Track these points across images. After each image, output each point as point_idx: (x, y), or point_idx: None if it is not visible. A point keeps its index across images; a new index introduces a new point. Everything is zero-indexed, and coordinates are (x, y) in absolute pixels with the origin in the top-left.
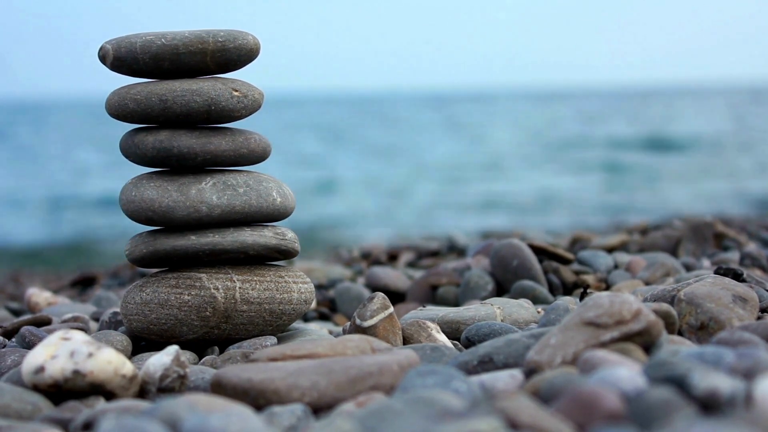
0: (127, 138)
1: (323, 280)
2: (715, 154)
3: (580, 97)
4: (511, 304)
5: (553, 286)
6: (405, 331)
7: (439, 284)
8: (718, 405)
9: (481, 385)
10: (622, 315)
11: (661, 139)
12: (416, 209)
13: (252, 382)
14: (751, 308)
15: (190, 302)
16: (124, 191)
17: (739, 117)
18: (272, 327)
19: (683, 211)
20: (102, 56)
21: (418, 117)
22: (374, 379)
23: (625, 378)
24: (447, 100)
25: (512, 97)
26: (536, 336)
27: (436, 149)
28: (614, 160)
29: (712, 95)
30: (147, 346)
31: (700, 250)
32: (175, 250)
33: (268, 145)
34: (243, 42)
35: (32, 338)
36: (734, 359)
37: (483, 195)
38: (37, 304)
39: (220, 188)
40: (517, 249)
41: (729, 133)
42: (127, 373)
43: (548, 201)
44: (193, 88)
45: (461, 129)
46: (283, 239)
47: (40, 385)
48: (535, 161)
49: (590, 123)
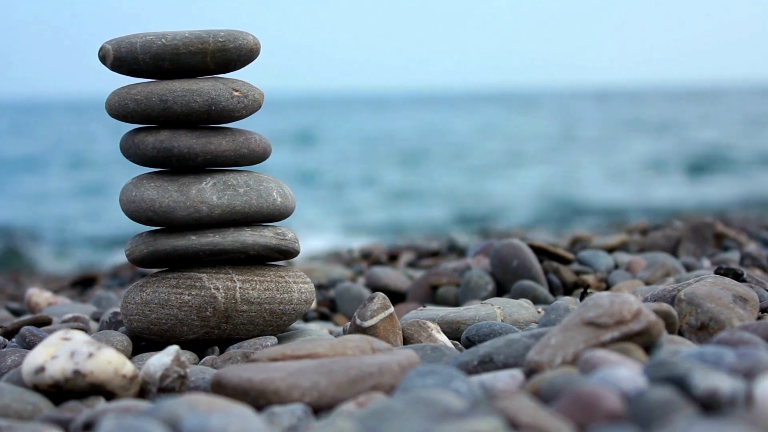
0: (127, 138)
1: (323, 280)
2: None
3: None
4: (512, 304)
5: (554, 286)
6: (405, 331)
7: (440, 284)
8: (719, 405)
9: (482, 385)
10: (622, 315)
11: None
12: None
13: (252, 382)
14: (752, 308)
15: (191, 302)
16: (125, 191)
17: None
18: (272, 327)
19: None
20: (102, 56)
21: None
22: (374, 379)
23: (625, 378)
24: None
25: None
26: (536, 336)
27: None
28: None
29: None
30: (147, 346)
31: (700, 250)
32: (176, 250)
33: (268, 145)
34: (243, 42)
35: (32, 338)
36: (734, 359)
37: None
38: (38, 304)
39: (221, 188)
40: (518, 249)
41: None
42: (128, 373)
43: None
44: (193, 88)
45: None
46: (283, 239)
47: (41, 385)
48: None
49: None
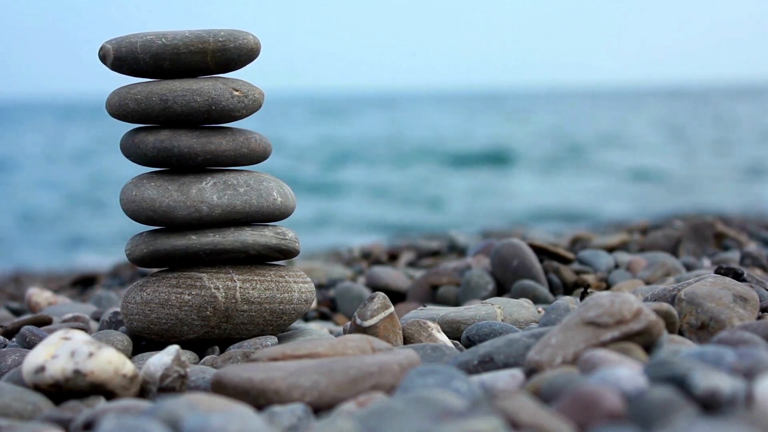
0: (127, 138)
1: (324, 280)
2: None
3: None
4: (512, 304)
5: (554, 285)
6: (405, 330)
7: (440, 284)
8: (719, 405)
9: (482, 385)
10: (622, 315)
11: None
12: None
13: (252, 382)
14: (752, 308)
15: (191, 302)
16: (125, 191)
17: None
18: (273, 327)
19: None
20: (102, 56)
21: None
22: (375, 379)
23: (625, 378)
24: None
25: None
26: (537, 336)
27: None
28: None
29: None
30: (147, 345)
31: (700, 249)
32: (176, 249)
33: (268, 144)
34: (243, 42)
35: (33, 338)
36: (735, 359)
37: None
38: (38, 303)
39: (221, 188)
40: (518, 249)
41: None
42: (128, 372)
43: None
44: (193, 87)
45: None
46: (283, 239)
47: (41, 385)
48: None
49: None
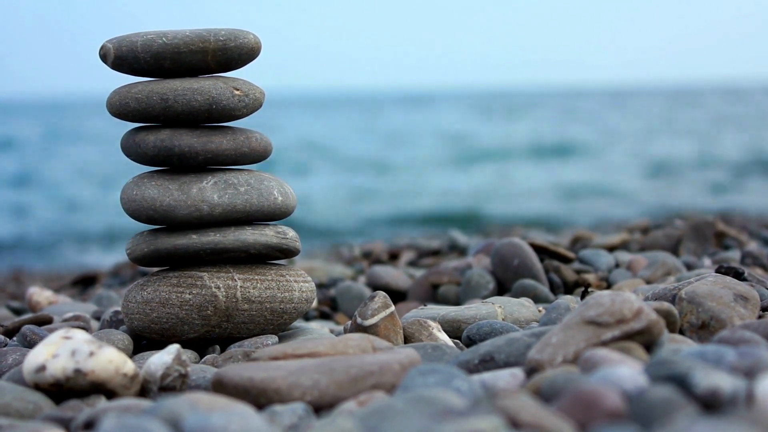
0: (128, 137)
1: (324, 279)
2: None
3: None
4: (512, 303)
5: (554, 284)
6: (406, 330)
7: (440, 283)
8: (720, 404)
9: (483, 384)
10: (623, 314)
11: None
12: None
13: (253, 381)
14: (752, 307)
15: (192, 301)
16: (125, 190)
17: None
18: (273, 326)
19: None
20: (103, 55)
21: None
22: (375, 378)
23: (626, 377)
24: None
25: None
26: (537, 335)
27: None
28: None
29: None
30: (148, 344)
31: (701, 249)
32: (177, 249)
33: (269, 143)
34: (244, 41)
35: (33, 337)
36: (735, 358)
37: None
38: (38, 303)
39: (222, 187)
40: (518, 248)
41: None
42: (129, 372)
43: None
44: (194, 87)
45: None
46: (284, 238)
47: (42, 384)
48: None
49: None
